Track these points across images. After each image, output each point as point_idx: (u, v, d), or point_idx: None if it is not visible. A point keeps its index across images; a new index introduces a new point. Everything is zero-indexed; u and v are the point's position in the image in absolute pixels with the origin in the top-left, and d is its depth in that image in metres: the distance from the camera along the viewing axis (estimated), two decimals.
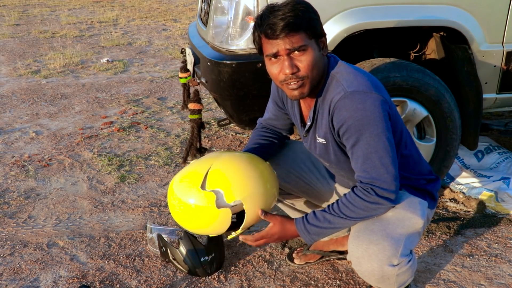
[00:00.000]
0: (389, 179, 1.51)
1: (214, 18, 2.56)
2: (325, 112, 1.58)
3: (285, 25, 1.44)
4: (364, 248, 1.58)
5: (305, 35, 1.48)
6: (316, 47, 1.52)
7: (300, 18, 1.46)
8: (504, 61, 2.45)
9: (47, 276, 2.10)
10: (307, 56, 1.49)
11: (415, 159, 1.73)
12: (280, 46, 1.48)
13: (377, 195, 1.51)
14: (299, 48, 1.48)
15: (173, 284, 2.03)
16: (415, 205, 1.65)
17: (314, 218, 1.59)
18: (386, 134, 1.49)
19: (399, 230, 1.59)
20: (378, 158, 1.49)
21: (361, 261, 1.59)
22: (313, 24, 1.50)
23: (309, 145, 1.77)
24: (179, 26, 7.94)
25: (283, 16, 1.45)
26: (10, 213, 2.60)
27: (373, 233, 1.58)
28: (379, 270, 1.57)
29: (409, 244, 1.61)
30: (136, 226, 2.47)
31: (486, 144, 3.02)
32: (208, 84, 2.46)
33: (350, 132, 1.50)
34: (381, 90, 1.55)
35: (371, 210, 1.55)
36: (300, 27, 1.46)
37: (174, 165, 3.11)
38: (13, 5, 10.37)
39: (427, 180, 1.76)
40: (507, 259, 2.17)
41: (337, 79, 1.56)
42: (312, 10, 1.52)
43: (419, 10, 2.30)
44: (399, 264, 1.58)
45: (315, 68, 1.52)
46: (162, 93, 4.61)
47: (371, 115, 1.47)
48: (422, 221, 1.64)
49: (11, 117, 4.01)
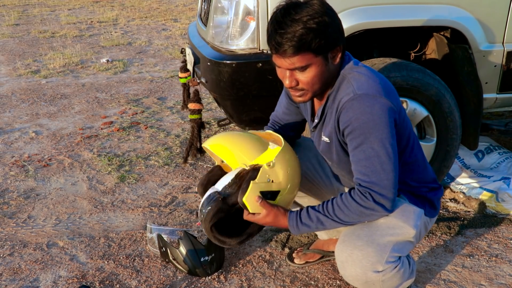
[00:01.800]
0: (388, 185, 1.50)
1: (214, 18, 2.56)
2: (333, 111, 1.58)
3: (290, 46, 1.44)
4: (348, 253, 1.58)
5: (311, 55, 1.47)
6: (323, 62, 1.51)
7: (307, 40, 1.44)
8: (504, 61, 2.45)
9: (46, 276, 2.10)
10: (309, 73, 1.51)
11: (419, 166, 1.72)
12: (283, 63, 1.50)
13: (374, 201, 1.50)
14: (301, 68, 1.49)
15: (173, 284, 2.03)
16: (408, 214, 1.63)
17: (307, 218, 1.59)
18: (390, 140, 1.49)
19: (387, 238, 1.58)
20: (379, 163, 1.48)
21: (345, 265, 1.59)
22: (324, 41, 1.46)
23: (315, 141, 1.78)
24: (179, 26, 7.94)
25: (290, 37, 1.43)
26: (10, 213, 2.60)
27: (359, 238, 1.57)
28: (363, 275, 1.57)
29: (397, 251, 1.60)
30: (136, 226, 2.46)
31: (487, 144, 3.02)
32: (208, 84, 2.46)
33: (354, 133, 1.50)
34: (391, 95, 1.54)
35: (365, 216, 1.54)
36: (307, 48, 1.45)
37: (174, 165, 3.11)
38: (12, 5, 10.36)
39: (429, 188, 1.74)
40: (508, 259, 2.16)
41: (348, 80, 1.55)
42: (325, 24, 1.46)
43: (419, 10, 2.30)
44: (383, 271, 1.56)
45: (317, 83, 1.53)
46: (162, 93, 4.61)
47: (378, 120, 1.47)
48: (413, 231, 1.62)
49: (10, 117, 4.01)
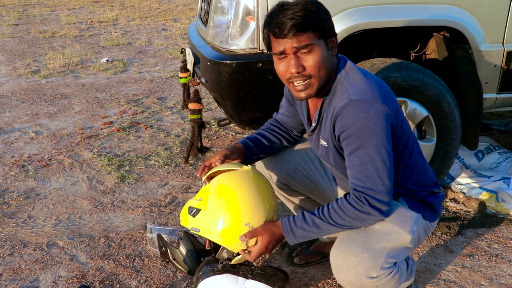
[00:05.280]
0: (383, 191, 1.50)
1: (214, 18, 2.56)
2: (329, 116, 1.57)
3: (293, 24, 1.44)
4: (343, 258, 1.57)
5: (313, 35, 1.47)
6: (325, 47, 1.51)
7: (309, 18, 1.45)
8: (504, 61, 2.45)
9: (46, 276, 2.10)
10: (314, 55, 1.49)
11: (419, 169, 1.70)
12: (287, 44, 1.48)
13: (370, 205, 1.50)
14: (306, 47, 1.48)
15: (173, 284, 2.03)
16: (405, 219, 1.62)
17: (302, 221, 1.57)
18: (385, 145, 1.48)
19: (382, 244, 1.57)
20: (374, 169, 1.48)
21: (340, 270, 1.58)
22: (322, 24, 1.49)
23: (313, 145, 1.77)
24: (179, 26, 7.94)
25: (292, 16, 1.44)
26: (10, 213, 2.60)
27: (354, 244, 1.56)
28: (357, 281, 1.56)
29: (393, 257, 1.59)
30: (136, 226, 2.46)
31: (487, 144, 3.02)
32: (208, 84, 2.46)
33: (350, 139, 1.49)
34: (387, 99, 1.53)
35: (361, 220, 1.54)
36: (308, 27, 1.46)
37: (174, 165, 3.11)
38: (12, 5, 10.36)
39: (429, 192, 1.73)
40: (508, 259, 2.16)
41: (343, 84, 1.54)
42: (323, 10, 1.51)
43: (420, 10, 2.30)
44: (378, 277, 1.55)
45: (322, 68, 1.51)
46: (162, 93, 4.61)
47: (373, 125, 1.46)
48: (410, 236, 1.61)
49: (10, 117, 4.01)
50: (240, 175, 1.71)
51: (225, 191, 1.65)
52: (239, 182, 1.68)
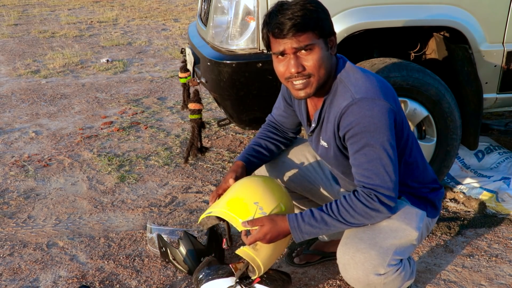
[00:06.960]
0: (392, 187, 1.51)
1: (214, 18, 2.56)
2: (331, 117, 1.57)
3: (293, 25, 1.44)
4: (350, 255, 1.57)
5: (313, 35, 1.48)
6: (324, 46, 1.51)
7: (308, 18, 1.46)
8: (504, 60, 2.45)
9: (46, 276, 2.10)
10: (314, 55, 1.49)
11: (419, 166, 1.71)
12: (287, 45, 1.48)
13: (379, 202, 1.51)
14: (306, 47, 1.48)
15: (173, 284, 2.03)
16: (411, 216, 1.63)
17: (311, 217, 1.56)
18: (391, 142, 1.50)
19: (389, 241, 1.57)
20: (382, 166, 1.49)
21: (347, 268, 1.59)
22: (322, 23, 1.49)
23: (313, 145, 1.77)
24: (179, 26, 7.94)
25: (291, 16, 1.45)
26: (10, 213, 2.60)
27: (362, 241, 1.57)
28: (365, 278, 1.56)
29: (399, 254, 1.60)
30: (136, 226, 2.46)
31: (487, 144, 3.02)
32: (208, 84, 2.46)
33: (356, 137, 1.50)
34: (389, 96, 1.54)
35: (370, 217, 1.54)
36: (308, 27, 1.46)
37: (174, 165, 3.11)
38: (12, 5, 10.36)
39: (430, 189, 1.74)
40: (508, 259, 2.16)
41: (345, 84, 1.55)
42: (322, 10, 1.51)
43: (420, 10, 2.30)
44: (385, 274, 1.56)
45: (322, 67, 1.52)
46: (162, 93, 4.61)
47: (378, 123, 1.47)
48: (416, 233, 1.62)
49: (10, 117, 4.01)
50: (256, 177, 1.83)
51: (241, 180, 1.76)
52: (255, 178, 1.80)
